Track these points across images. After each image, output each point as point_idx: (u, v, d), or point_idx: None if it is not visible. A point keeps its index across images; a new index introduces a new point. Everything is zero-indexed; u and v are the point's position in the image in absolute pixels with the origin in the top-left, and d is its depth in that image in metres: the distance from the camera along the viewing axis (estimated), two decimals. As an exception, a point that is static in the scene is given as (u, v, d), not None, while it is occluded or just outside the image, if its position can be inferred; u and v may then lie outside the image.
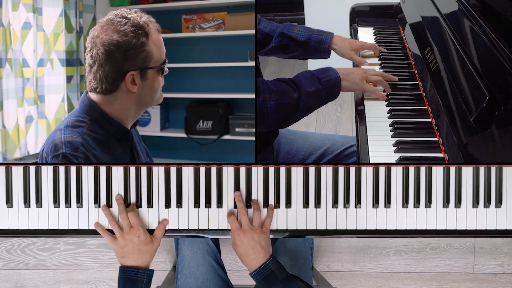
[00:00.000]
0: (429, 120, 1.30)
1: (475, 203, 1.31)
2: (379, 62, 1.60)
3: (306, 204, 1.31)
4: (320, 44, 1.57)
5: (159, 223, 1.30)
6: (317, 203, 1.31)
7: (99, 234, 1.29)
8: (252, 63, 2.76)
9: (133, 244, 1.24)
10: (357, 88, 1.40)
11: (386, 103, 1.39)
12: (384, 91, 1.43)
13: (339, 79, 1.36)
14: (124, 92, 1.23)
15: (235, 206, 1.31)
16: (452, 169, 1.31)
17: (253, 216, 1.28)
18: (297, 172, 1.32)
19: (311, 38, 1.57)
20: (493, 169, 1.31)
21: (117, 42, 1.19)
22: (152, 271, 1.25)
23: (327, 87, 1.35)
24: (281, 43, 1.59)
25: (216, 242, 1.48)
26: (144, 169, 1.32)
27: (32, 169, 1.31)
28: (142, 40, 1.20)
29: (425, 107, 1.35)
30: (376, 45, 1.65)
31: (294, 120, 1.37)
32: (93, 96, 1.25)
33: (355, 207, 1.31)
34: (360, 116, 1.36)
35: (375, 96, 1.41)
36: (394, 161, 1.20)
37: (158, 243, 1.27)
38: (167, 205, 1.31)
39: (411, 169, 1.31)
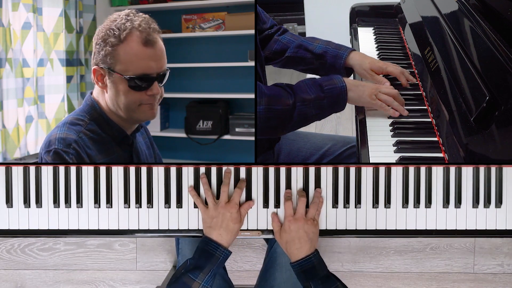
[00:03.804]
0: (429, 120, 1.30)
1: (475, 203, 1.31)
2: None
3: (306, 204, 1.31)
4: (336, 59, 1.45)
5: (245, 202, 1.30)
6: (317, 203, 1.31)
7: (99, 234, 1.29)
8: (252, 63, 2.76)
9: (224, 218, 1.23)
10: (364, 102, 1.31)
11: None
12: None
13: (344, 88, 1.28)
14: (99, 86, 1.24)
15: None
16: (452, 169, 1.31)
17: (310, 207, 1.27)
18: (297, 172, 1.32)
19: (328, 52, 1.46)
20: (493, 169, 1.31)
21: (96, 34, 1.21)
22: (230, 252, 1.23)
23: (329, 96, 1.27)
24: (296, 54, 1.51)
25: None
26: (144, 169, 1.32)
27: (32, 169, 1.31)
28: (111, 40, 1.19)
29: (425, 107, 1.35)
30: (403, 70, 1.45)
31: (287, 129, 1.30)
32: (96, 97, 1.26)
33: (355, 207, 1.31)
34: (360, 116, 1.36)
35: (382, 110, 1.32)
36: (394, 161, 1.20)
37: (242, 223, 1.27)
38: (167, 205, 1.31)
39: (411, 169, 1.31)
